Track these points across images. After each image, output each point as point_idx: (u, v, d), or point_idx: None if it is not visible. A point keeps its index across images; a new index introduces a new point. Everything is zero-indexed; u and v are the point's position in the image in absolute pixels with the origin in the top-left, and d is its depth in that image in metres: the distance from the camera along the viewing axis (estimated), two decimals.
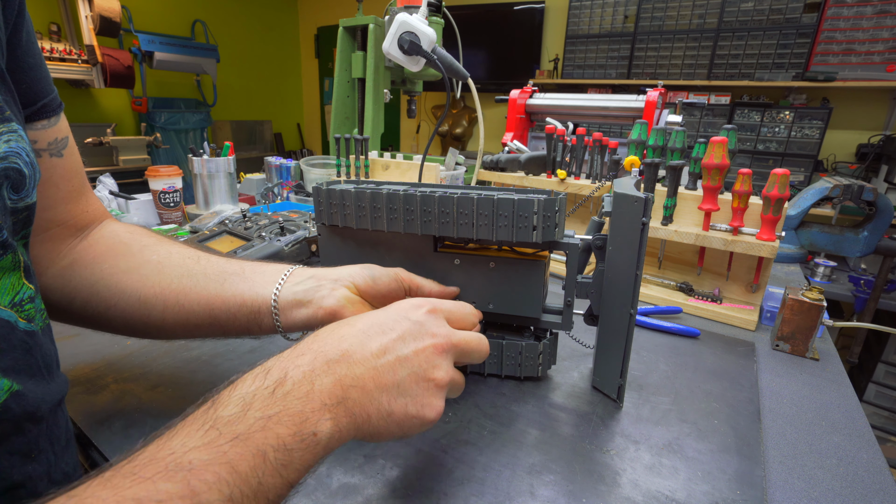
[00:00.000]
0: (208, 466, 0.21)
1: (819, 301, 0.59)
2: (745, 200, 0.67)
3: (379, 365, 0.29)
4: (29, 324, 0.30)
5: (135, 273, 0.40)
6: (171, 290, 0.39)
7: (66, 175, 0.40)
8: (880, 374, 1.89)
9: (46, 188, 0.38)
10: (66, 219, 0.41)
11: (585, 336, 0.61)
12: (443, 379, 0.32)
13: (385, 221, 0.47)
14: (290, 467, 0.24)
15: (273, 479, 0.23)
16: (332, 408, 0.26)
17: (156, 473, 0.20)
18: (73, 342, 0.56)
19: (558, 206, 0.43)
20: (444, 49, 0.92)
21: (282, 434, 0.24)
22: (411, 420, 0.30)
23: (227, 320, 0.39)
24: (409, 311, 0.34)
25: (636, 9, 2.84)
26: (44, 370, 0.31)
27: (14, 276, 0.30)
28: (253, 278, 0.40)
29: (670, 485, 0.38)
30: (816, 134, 2.46)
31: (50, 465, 0.31)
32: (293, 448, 0.24)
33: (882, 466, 0.43)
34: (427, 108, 4.08)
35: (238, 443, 0.22)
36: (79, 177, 0.41)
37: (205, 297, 0.39)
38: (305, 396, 0.26)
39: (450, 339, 0.33)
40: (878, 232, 1.10)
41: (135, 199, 1.09)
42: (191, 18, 3.70)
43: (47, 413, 0.31)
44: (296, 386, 0.26)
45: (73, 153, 0.40)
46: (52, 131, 0.38)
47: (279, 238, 0.76)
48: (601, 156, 0.86)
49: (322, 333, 0.31)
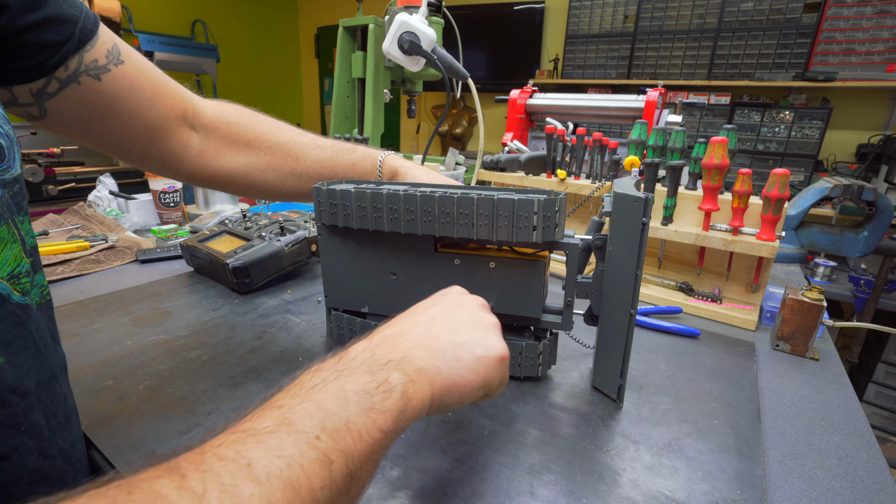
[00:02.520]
0: (298, 406, 0.23)
1: (819, 301, 0.59)
2: (745, 200, 0.67)
3: (431, 326, 0.32)
4: (23, 297, 0.31)
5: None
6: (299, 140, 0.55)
7: (141, 76, 0.43)
8: (880, 374, 1.89)
9: (134, 92, 0.42)
10: (170, 112, 0.47)
11: (585, 336, 0.61)
12: (493, 321, 0.34)
13: (385, 221, 0.47)
14: (374, 410, 0.25)
15: (360, 417, 0.24)
16: (397, 363, 0.28)
17: (327, 396, 0.24)
18: (73, 342, 0.56)
19: (558, 206, 0.43)
20: (444, 49, 0.92)
21: (358, 380, 0.26)
22: (481, 361, 0.31)
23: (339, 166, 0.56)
24: (451, 291, 0.37)
25: (636, 9, 2.84)
26: (39, 343, 0.32)
27: (16, 247, 0.30)
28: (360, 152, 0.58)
29: (670, 485, 0.38)
30: (816, 134, 2.46)
31: (42, 439, 0.31)
32: (371, 392, 0.25)
33: (882, 466, 0.43)
34: (427, 108, 4.08)
35: (318, 390, 0.24)
36: (150, 71, 0.45)
37: (324, 165, 0.55)
38: (370, 359, 0.28)
39: (486, 303, 0.37)
40: (878, 232, 1.10)
41: (135, 199, 1.09)
42: (191, 18, 3.70)
43: (34, 387, 0.31)
44: (359, 353, 0.28)
45: (130, 55, 0.42)
46: (102, 45, 0.39)
47: (279, 238, 0.76)
48: (601, 156, 0.86)
49: (380, 327, 0.33)
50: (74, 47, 0.37)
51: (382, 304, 0.54)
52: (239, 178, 0.53)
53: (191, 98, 0.51)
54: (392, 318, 0.34)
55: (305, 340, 0.59)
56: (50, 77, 0.37)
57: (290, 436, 0.21)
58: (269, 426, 0.22)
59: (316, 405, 0.23)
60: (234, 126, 0.53)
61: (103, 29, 0.40)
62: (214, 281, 0.77)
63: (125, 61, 0.42)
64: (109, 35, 0.41)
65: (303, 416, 0.22)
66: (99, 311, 0.65)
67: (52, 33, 0.36)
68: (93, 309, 0.65)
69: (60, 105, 0.39)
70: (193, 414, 0.44)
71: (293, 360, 0.54)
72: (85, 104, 0.40)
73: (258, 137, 0.53)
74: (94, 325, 0.61)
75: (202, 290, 0.73)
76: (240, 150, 0.53)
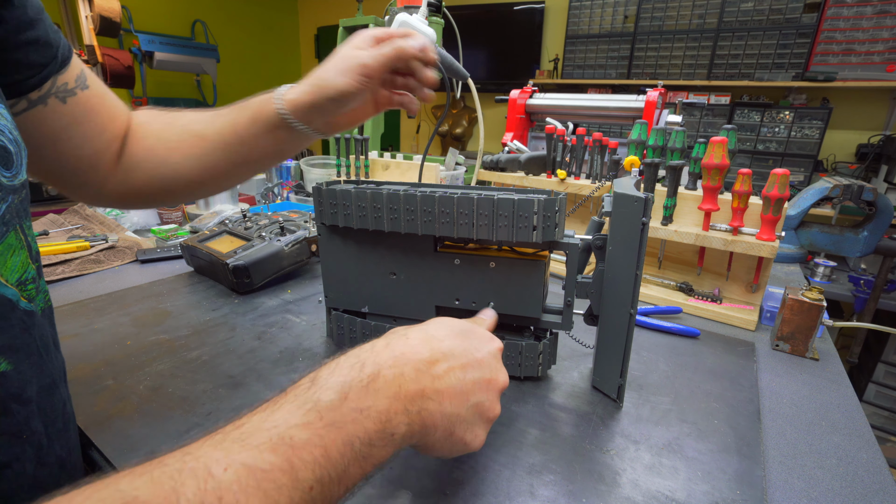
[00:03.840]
0: (306, 446, 0.23)
1: (819, 301, 0.59)
2: (744, 200, 0.67)
3: (458, 383, 0.31)
4: (29, 304, 0.31)
5: None
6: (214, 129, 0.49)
7: (100, 101, 0.44)
8: (880, 374, 1.89)
9: (92, 117, 0.42)
10: (118, 134, 0.46)
11: (585, 336, 0.61)
12: (496, 415, 0.34)
13: (385, 221, 0.47)
14: (369, 460, 0.25)
15: (354, 468, 0.25)
16: (411, 414, 0.28)
17: (262, 443, 0.22)
18: (73, 342, 0.56)
19: (558, 206, 0.43)
20: (444, 49, 0.92)
21: (369, 429, 0.25)
22: (461, 444, 0.32)
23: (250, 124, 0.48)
24: (489, 342, 0.36)
25: (636, 9, 2.84)
26: (41, 350, 0.32)
27: (23, 253, 0.30)
28: None
29: (670, 485, 0.38)
30: (816, 134, 2.46)
31: (41, 447, 0.31)
32: (375, 443, 0.26)
33: (882, 466, 0.43)
34: (427, 108, 4.08)
35: (333, 429, 0.24)
36: (108, 96, 0.46)
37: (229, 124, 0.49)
38: (394, 397, 0.27)
39: (506, 382, 0.36)
40: (877, 232, 1.10)
41: None
42: (191, 18, 3.70)
43: (36, 395, 0.31)
44: (385, 385, 0.27)
45: (94, 81, 0.44)
46: (72, 70, 0.41)
47: (279, 238, 0.76)
48: (601, 156, 0.86)
49: (412, 339, 0.32)
50: (56, 69, 0.38)
51: (382, 304, 0.54)
52: (171, 181, 0.49)
53: (127, 115, 0.49)
54: (434, 328, 0.34)
55: (305, 340, 0.59)
56: (22, 97, 0.37)
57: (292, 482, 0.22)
58: (273, 460, 0.22)
59: (323, 452, 0.23)
60: (146, 126, 0.49)
61: (75, 55, 0.42)
62: (214, 281, 0.77)
63: (90, 86, 0.42)
64: (78, 61, 0.42)
65: (306, 465, 0.22)
66: (99, 311, 0.65)
67: (39, 55, 0.37)
68: (93, 309, 0.65)
69: (19, 126, 0.38)
70: (193, 414, 0.44)
71: (293, 360, 0.54)
72: (43, 126, 0.39)
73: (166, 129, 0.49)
74: (94, 325, 0.61)
75: (202, 290, 0.73)
76: (164, 151, 0.49)
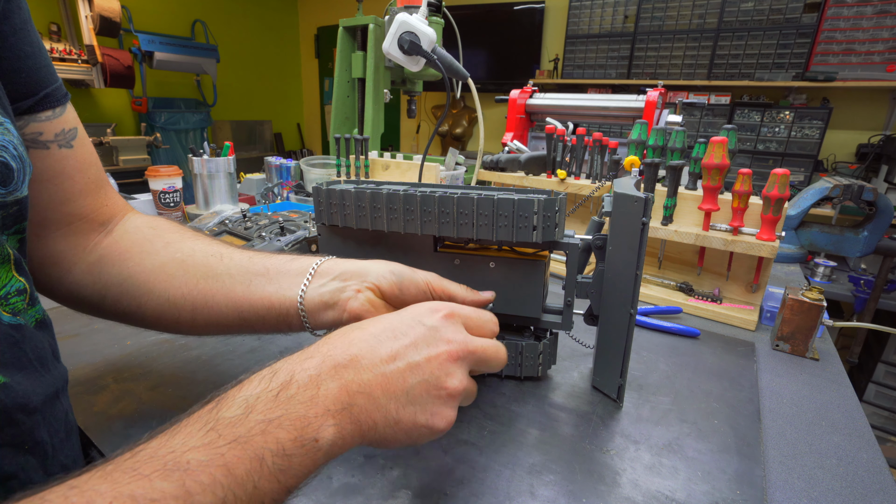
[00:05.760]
0: (205, 468, 0.21)
1: (819, 301, 0.59)
2: (745, 200, 0.67)
3: (388, 371, 0.29)
4: (14, 317, 0.30)
5: (161, 272, 0.40)
6: (198, 291, 0.39)
7: (80, 167, 0.39)
8: (880, 374, 1.89)
9: (61, 180, 0.38)
10: (86, 212, 0.41)
11: (585, 336, 0.61)
12: (456, 388, 0.30)
13: (385, 221, 0.47)
14: (288, 472, 0.23)
15: (270, 483, 0.23)
16: (336, 413, 0.26)
17: (154, 471, 0.20)
18: (73, 342, 0.56)
19: (558, 206, 0.43)
20: (444, 49, 0.92)
21: (282, 438, 0.23)
22: (420, 429, 0.29)
23: (257, 321, 0.39)
24: (425, 315, 0.33)
25: (636, 9, 2.84)
26: (35, 363, 0.31)
27: (2, 269, 0.30)
28: (278, 280, 0.40)
29: (670, 485, 0.38)
30: (816, 134, 2.46)
31: (46, 456, 0.31)
32: (293, 454, 0.24)
33: (882, 466, 0.43)
34: (427, 108, 4.08)
35: (236, 446, 0.22)
36: (94, 168, 0.41)
37: (232, 300, 0.39)
38: (310, 401, 0.25)
39: (466, 346, 0.32)
40: (878, 232, 1.10)
41: (135, 199, 1.09)
42: (191, 18, 3.70)
43: (41, 404, 0.31)
44: (300, 390, 0.26)
45: (84, 144, 0.40)
46: (59, 122, 0.37)
47: (279, 238, 0.76)
48: (601, 156, 0.86)
49: (333, 337, 0.30)
50: (28, 108, 0.35)
51: None
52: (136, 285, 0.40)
53: (123, 208, 0.45)
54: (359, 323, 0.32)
55: (305, 341, 0.58)
56: None
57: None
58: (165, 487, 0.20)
59: (224, 471, 0.21)
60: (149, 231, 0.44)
61: (71, 111, 0.39)
62: None
63: (74, 147, 0.38)
64: (73, 120, 0.39)
65: (204, 489, 0.21)
66: None
67: (20, 85, 0.34)
68: None
69: None
70: None
71: None
72: None
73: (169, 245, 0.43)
74: (94, 324, 0.61)
75: None
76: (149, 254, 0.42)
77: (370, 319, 0.33)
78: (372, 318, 0.34)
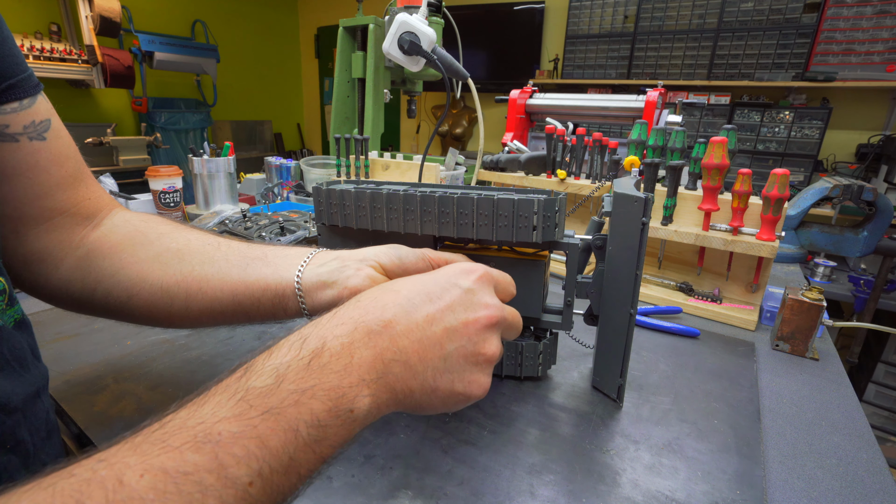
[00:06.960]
0: (238, 440, 0.20)
1: (819, 301, 0.59)
2: (744, 200, 0.67)
3: (425, 337, 0.28)
4: None
5: (155, 262, 0.39)
6: (193, 278, 0.38)
7: (56, 160, 0.38)
8: (880, 374, 1.89)
9: (35, 174, 0.36)
10: (67, 207, 0.39)
11: (585, 336, 0.61)
12: (494, 353, 0.30)
13: (385, 221, 0.47)
14: (323, 443, 0.23)
15: (305, 454, 0.22)
16: (371, 383, 0.25)
17: (184, 443, 0.20)
18: (73, 342, 0.56)
19: (558, 206, 0.43)
20: (444, 49, 0.92)
21: (316, 409, 0.23)
22: (457, 396, 0.29)
23: (252, 305, 0.38)
24: (460, 276, 0.31)
25: (636, 9, 2.84)
26: (14, 363, 0.31)
27: None
28: (276, 262, 0.39)
29: (670, 485, 0.38)
30: (816, 134, 2.46)
31: (28, 455, 0.31)
32: (328, 424, 0.23)
33: (882, 466, 0.43)
34: (427, 108, 4.08)
35: (269, 417, 0.22)
36: (72, 161, 0.39)
37: (228, 284, 0.38)
38: (343, 370, 0.24)
39: (502, 311, 0.31)
40: (877, 232, 1.10)
41: (135, 199, 1.09)
42: (191, 18, 3.70)
43: (21, 404, 0.30)
44: (333, 358, 0.25)
45: (60, 137, 0.38)
46: (28, 114, 0.35)
47: (279, 238, 0.76)
48: (601, 156, 0.86)
49: (364, 300, 0.29)
50: None
51: None
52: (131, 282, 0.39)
53: (109, 203, 0.44)
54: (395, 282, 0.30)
55: None
56: None
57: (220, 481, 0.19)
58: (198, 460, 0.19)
59: (258, 443, 0.21)
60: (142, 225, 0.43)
61: (43, 102, 0.37)
62: None
63: (48, 140, 0.37)
64: (46, 111, 0.37)
65: (238, 461, 0.20)
66: None
67: None
68: None
69: None
70: None
71: None
72: None
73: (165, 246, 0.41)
74: (94, 324, 0.61)
75: None
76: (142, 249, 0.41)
77: (402, 280, 0.32)
78: (402, 279, 0.32)
